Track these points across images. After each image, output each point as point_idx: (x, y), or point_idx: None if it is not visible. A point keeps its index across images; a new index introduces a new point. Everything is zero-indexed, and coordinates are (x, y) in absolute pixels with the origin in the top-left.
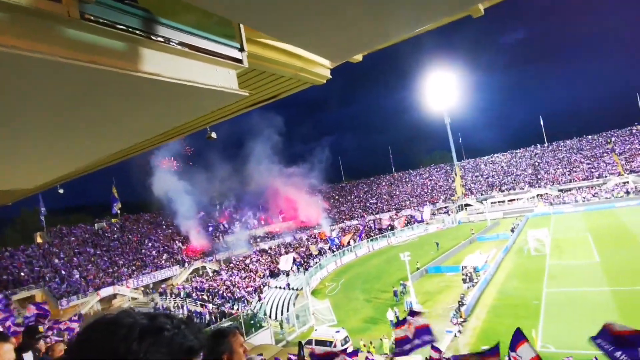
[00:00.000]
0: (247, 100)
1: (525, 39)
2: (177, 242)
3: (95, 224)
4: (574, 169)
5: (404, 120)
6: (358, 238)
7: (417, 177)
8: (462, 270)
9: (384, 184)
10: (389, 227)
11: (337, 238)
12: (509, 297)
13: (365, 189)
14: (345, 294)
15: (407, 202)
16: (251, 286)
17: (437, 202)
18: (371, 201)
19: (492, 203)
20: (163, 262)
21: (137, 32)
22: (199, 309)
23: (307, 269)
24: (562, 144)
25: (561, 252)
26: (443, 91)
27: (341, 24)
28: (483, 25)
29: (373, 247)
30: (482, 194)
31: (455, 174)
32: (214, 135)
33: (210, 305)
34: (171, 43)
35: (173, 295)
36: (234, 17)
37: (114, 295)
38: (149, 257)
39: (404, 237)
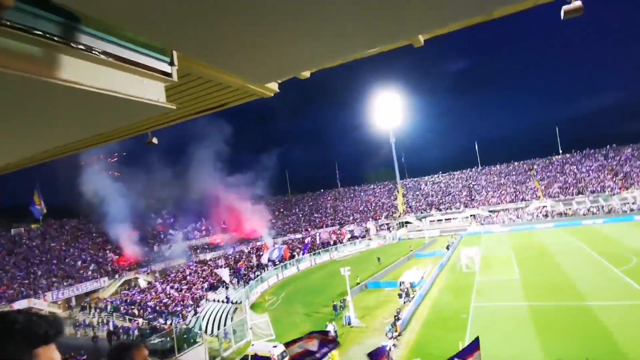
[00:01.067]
0: (191, 107)
1: (466, 69)
2: (107, 251)
3: (12, 229)
4: (502, 192)
5: (352, 137)
6: (302, 252)
7: (362, 193)
8: (400, 285)
9: (329, 198)
10: (333, 242)
11: (279, 250)
12: (441, 311)
13: (311, 203)
14: (286, 307)
15: (351, 218)
16: (187, 299)
17: (379, 219)
18: (316, 215)
19: (430, 221)
20: (90, 273)
21: (56, 38)
22: (127, 323)
23: (247, 282)
24: (493, 168)
25: (488, 269)
26: (389, 112)
27: (270, 53)
28: (428, 53)
29: (315, 261)
30: (421, 212)
31: (398, 192)
32: (155, 140)
33: (140, 320)
34: (93, 52)
35: (97, 310)
36: (163, 44)
37: (29, 309)
38: (73, 267)
39: (346, 252)
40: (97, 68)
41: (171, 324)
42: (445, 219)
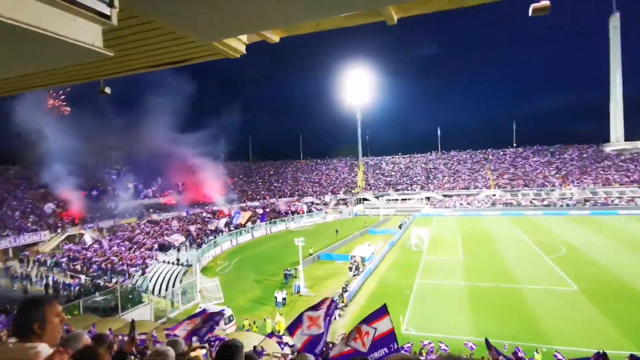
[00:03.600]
0: (143, 59)
1: (436, 56)
2: (50, 203)
3: None
4: (457, 178)
5: (319, 110)
6: (259, 220)
7: (323, 167)
8: (351, 259)
9: (290, 168)
10: (290, 212)
11: (237, 215)
12: (386, 286)
13: (271, 172)
14: (237, 273)
15: (311, 190)
16: (136, 259)
17: (338, 193)
18: (275, 184)
19: (387, 200)
20: (29, 225)
21: None
22: (68, 280)
23: (200, 246)
24: (451, 154)
25: (436, 249)
26: (358, 89)
27: (221, 7)
28: (402, 36)
29: (271, 230)
30: (379, 191)
31: (359, 169)
32: (107, 90)
33: (82, 277)
34: None
35: (37, 264)
36: None
37: None
38: (10, 218)
39: (302, 223)
40: None
41: (116, 282)
42: (402, 199)
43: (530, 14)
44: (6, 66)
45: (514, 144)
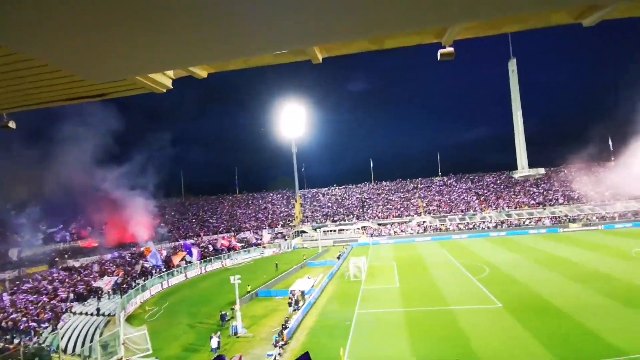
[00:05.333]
0: (62, 92)
1: (367, 91)
2: None
3: None
4: (391, 207)
5: (254, 144)
6: (196, 258)
7: (260, 201)
8: (290, 294)
9: (226, 204)
10: (227, 249)
11: (162, 257)
12: (327, 319)
13: (206, 208)
14: (168, 319)
15: (247, 225)
16: (45, 313)
17: (276, 227)
18: (211, 221)
19: (324, 231)
20: None
21: None
22: None
23: (126, 292)
24: (384, 184)
25: (373, 278)
26: (293, 123)
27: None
28: (333, 72)
29: (206, 269)
30: (317, 222)
31: (296, 201)
32: (12, 124)
33: None
34: None
35: None
36: None
37: None
38: None
39: (239, 259)
40: None
41: (19, 343)
42: (339, 230)
43: (438, 58)
44: None
45: (439, 173)
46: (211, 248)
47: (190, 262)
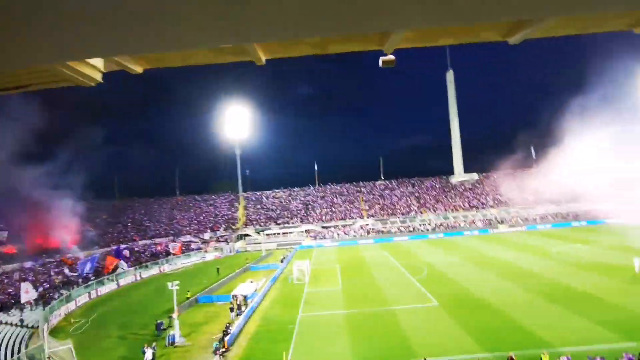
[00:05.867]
0: None
1: (311, 96)
2: None
3: None
4: (335, 210)
5: (196, 145)
6: (126, 265)
7: (202, 203)
8: (232, 298)
9: (165, 206)
10: (164, 253)
11: (92, 263)
12: (270, 323)
13: (142, 211)
14: (96, 331)
15: (188, 228)
16: None
17: (218, 230)
18: (148, 224)
19: (267, 234)
20: None
21: None
22: None
23: (48, 303)
24: (328, 187)
25: (317, 280)
26: (237, 124)
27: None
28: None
29: (141, 276)
30: (261, 225)
31: (239, 204)
32: None
33: None
34: None
35: None
36: None
37: None
38: None
39: (179, 264)
40: None
41: None
42: (283, 233)
43: (380, 65)
44: None
45: (382, 177)
46: (148, 253)
47: (122, 267)
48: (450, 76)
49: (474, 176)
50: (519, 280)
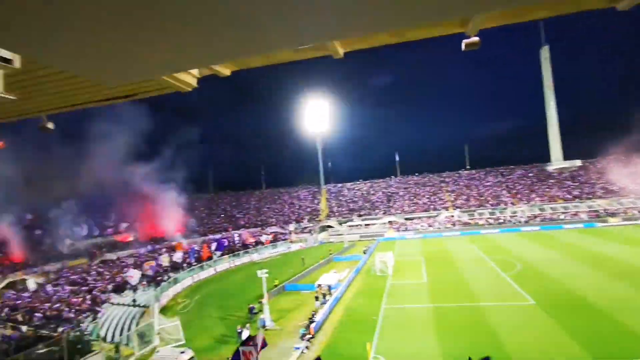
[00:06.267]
0: (94, 94)
1: (391, 85)
2: None
3: None
4: (417, 202)
5: (279, 141)
6: (217, 249)
7: (286, 196)
8: (317, 288)
9: (252, 199)
10: (254, 243)
11: (196, 251)
12: (353, 314)
13: (233, 203)
14: (199, 311)
15: (274, 219)
16: (86, 303)
17: (302, 222)
18: (238, 216)
19: (350, 226)
20: None
21: None
22: (8, 331)
23: (159, 284)
24: (410, 178)
25: (400, 273)
26: (317, 118)
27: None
28: (357, 67)
29: (234, 263)
30: (343, 217)
31: (322, 196)
32: (50, 125)
33: (24, 328)
34: None
35: None
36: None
37: None
38: None
39: (266, 254)
40: None
41: (62, 331)
42: (365, 225)
43: (463, 48)
44: None
45: (468, 166)
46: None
47: (215, 254)
48: (545, 52)
49: (576, 163)
50: (633, 280)
